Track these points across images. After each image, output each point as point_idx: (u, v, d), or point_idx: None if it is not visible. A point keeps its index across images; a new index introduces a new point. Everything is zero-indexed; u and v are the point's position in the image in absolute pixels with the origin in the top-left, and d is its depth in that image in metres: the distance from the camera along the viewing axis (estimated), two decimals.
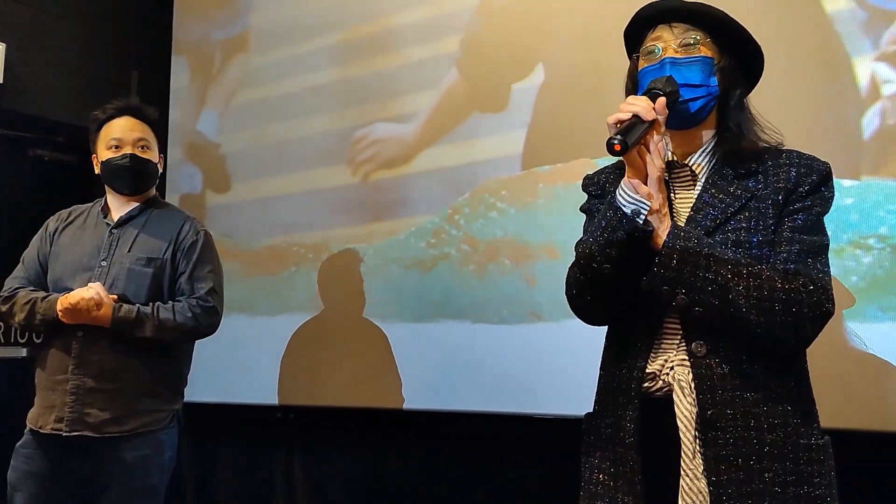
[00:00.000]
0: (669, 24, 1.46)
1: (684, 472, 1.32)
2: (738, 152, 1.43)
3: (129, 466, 2.24)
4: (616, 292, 1.41)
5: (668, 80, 1.40)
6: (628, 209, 1.35)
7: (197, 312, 2.33)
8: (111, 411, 2.23)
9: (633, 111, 1.33)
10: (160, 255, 2.36)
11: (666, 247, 1.33)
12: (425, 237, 3.17)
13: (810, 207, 1.39)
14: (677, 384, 1.35)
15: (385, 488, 3.35)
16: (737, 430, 1.31)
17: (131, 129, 2.39)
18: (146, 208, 2.44)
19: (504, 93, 3.04)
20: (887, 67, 2.38)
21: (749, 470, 1.30)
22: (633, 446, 1.37)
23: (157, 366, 2.32)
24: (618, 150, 1.30)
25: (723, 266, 1.31)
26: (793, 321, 1.30)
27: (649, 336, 1.40)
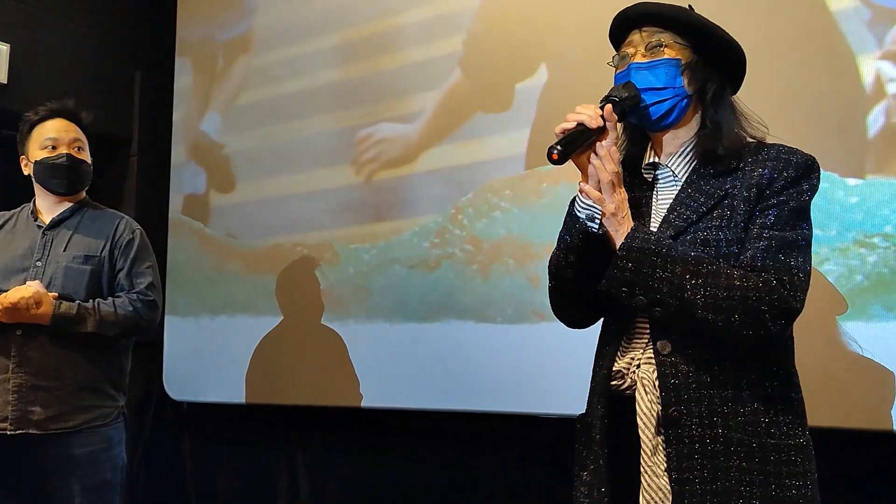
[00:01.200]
0: (640, 28, 1.47)
1: (644, 469, 1.33)
2: (714, 151, 1.42)
3: (80, 463, 2.25)
4: (582, 296, 1.46)
5: (626, 85, 1.43)
6: (582, 214, 1.41)
7: (138, 307, 2.35)
8: (54, 408, 2.24)
9: (577, 119, 1.37)
10: (97, 253, 2.38)
11: (622, 249, 1.35)
12: (429, 237, 3.17)
13: (784, 203, 1.36)
14: (640, 382, 1.36)
15: (387, 488, 3.35)
16: (702, 429, 1.31)
17: (66, 129, 2.40)
18: (78, 209, 2.45)
19: (507, 92, 3.04)
20: (892, 66, 2.37)
21: (714, 468, 1.30)
22: (601, 444, 1.39)
23: (98, 361, 2.33)
24: (555, 159, 1.35)
25: (679, 266, 1.31)
26: (751, 319, 1.29)
27: (619, 335, 1.43)
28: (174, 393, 3.85)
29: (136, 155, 4.06)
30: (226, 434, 3.84)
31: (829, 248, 2.36)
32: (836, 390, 2.32)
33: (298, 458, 3.60)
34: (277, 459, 3.66)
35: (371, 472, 3.40)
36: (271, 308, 3.58)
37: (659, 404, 1.34)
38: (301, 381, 3.47)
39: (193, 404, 3.90)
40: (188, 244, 3.88)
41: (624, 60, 1.48)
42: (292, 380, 3.49)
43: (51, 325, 2.24)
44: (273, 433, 3.68)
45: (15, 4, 3.63)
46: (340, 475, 3.49)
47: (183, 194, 3.94)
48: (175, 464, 3.97)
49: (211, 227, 3.83)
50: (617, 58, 1.50)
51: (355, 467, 3.45)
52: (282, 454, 3.64)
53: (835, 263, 2.36)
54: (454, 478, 3.18)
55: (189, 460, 3.94)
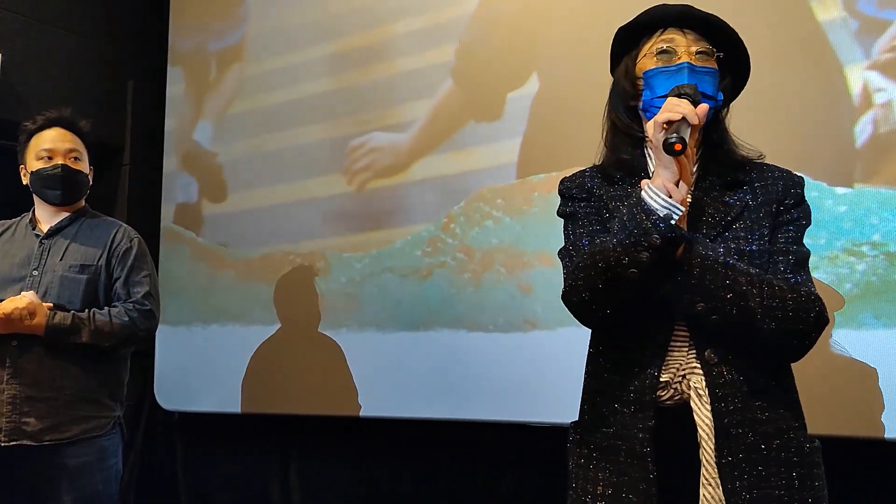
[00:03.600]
0: (682, 28, 1.43)
1: (705, 479, 1.32)
2: (724, 163, 1.43)
3: (73, 474, 2.23)
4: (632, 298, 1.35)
5: (696, 88, 1.37)
6: (662, 212, 1.29)
7: (134, 316, 2.32)
8: (50, 419, 2.22)
9: (682, 112, 1.30)
10: (94, 262, 2.35)
11: (687, 253, 1.31)
12: (421, 246, 3.17)
13: (799, 219, 1.42)
14: (694, 392, 1.34)
15: (380, 497, 3.34)
16: (747, 437, 1.32)
17: (62, 139, 2.38)
18: (77, 218, 2.43)
19: (499, 102, 3.05)
20: (879, 76, 2.39)
21: (757, 476, 1.31)
22: (647, 456, 1.33)
23: (94, 372, 2.31)
24: (678, 149, 1.26)
25: (740, 275, 1.31)
26: (801, 329, 1.32)
27: (660, 344, 1.37)
28: (165, 402, 3.84)
29: (129, 164, 4.06)
30: (217, 444, 3.82)
31: (818, 257, 2.37)
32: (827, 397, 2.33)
33: (291, 467, 3.60)
34: (270, 469, 3.65)
35: (364, 480, 3.40)
36: (263, 317, 3.58)
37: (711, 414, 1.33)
38: (296, 390, 3.46)
39: (185, 414, 3.89)
40: (180, 253, 3.87)
41: (667, 56, 1.42)
42: (287, 389, 3.48)
43: (45, 335, 2.22)
44: (265, 442, 3.67)
45: (7, 14, 3.63)
46: (333, 484, 3.49)
47: (175, 203, 3.94)
48: (166, 474, 3.95)
49: (203, 236, 3.82)
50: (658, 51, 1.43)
51: (348, 476, 3.44)
52: (274, 463, 3.63)
53: (824, 272, 2.37)
54: (447, 486, 3.18)
55: (181, 470, 3.93)
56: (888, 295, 2.31)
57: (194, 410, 3.80)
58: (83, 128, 2.44)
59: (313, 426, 3.47)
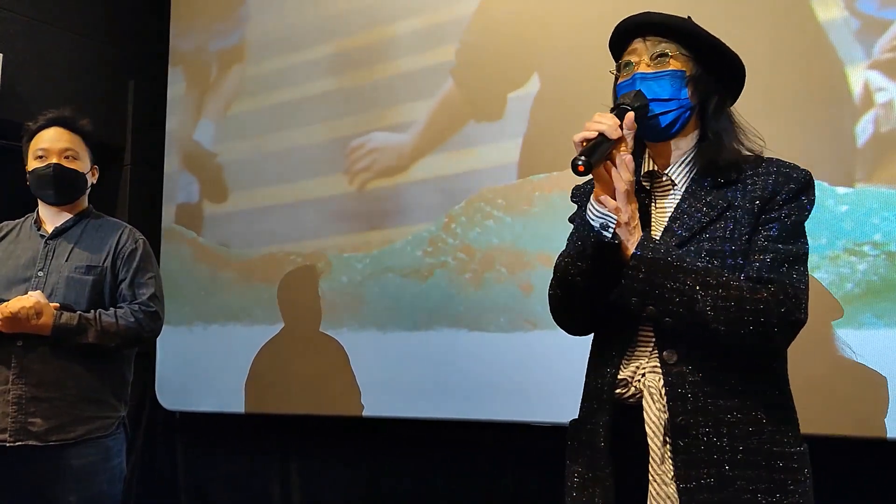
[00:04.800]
0: (644, 37, 1.46)
1: (652, 477, 1.34)
2: (715, 162, 1.44)
3: (77, 474, 2.23)
4: (590, 304, 1.44)
5: (637, 94, 1.41)
6: (596, 223, 1.38)
7: (139, 317, 2.33)
8: (55, 419, 2.22)
9: (598, 129, 1.34)
10: (100, 263, 2.36)
11: (634, 258, 1.35)
12: (422, 246, 3.17)
13: (786, 216, 1.39)
14: (647, 390, 1.37)
15: (381, 496, 3.34)
16: (709, 438, 1.32)
17: (58, 139, 2.37)
18: (81, 219, 2.43)
19: (500, 102, 3.05)
20: (880, 75, 2.39)
21: (721, 477, 1.31)
22: (605, 451, 1.39)
23: (99, 372, 2.31)
24: (581, 170, 1.31)
25: (690, 276, 1.32)
26: (761, 330, 1.31)
27: (623, 344, 1.42)
28: (167, 402, 3.84)
29: (130, 164, 4.07)
30: (218, 444, 3.82)
31: (819, 257, 2.37)
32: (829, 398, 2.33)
33: (291, 467, 3.60)
34: (270, 469, 3.65)
35: (364, 480, 3.40)
36: (264, 317, 3.58)
37: (666, 413, 1.34)
38: (297, 390, 3.47)
39: (186, 414, 3.89)
40: (181, 253, 3.87)
41: (628, 69, 1.47)
42: (288, 389, 3.49)
43: (51, 335, 2.22)
44: (266, 442, 3.67)
45: (9, 14, 3.63)
46: (333, 484, 3.49)
47: (176, 203, 3.94)
48: (167, 473, 3.95)
49: (204, 236, 3.83)
50: (621, 65, 1.49)
51: (348, 475, 3.44)
52: (275, 463, 3.64)
53: (825, 272, 2.37)
54: (447, 486, 3.18)
55: (182, 470, 3.93)
56: (889, 294, 2.31)
57: (195, 410, 3.80)
58: (83, 127, 2.44)
59: (313, 426, 3.47)
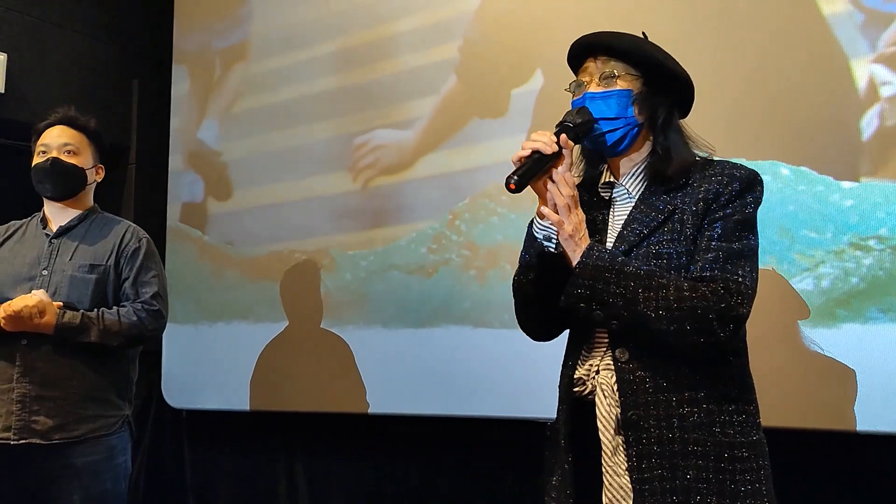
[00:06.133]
0: (595, 56, 1.55)
1: (605, 469, 1.41)
2: (662, 171, 1.50)
3: (80, 472, 2.24)
4: (545, 311, 1.53)
5: (580, 111, 1.50)
6: (540, 235, 1.50)
7: (142, 316, 2.34)
8: (58, 418, 2.24)
9: (533, 147, 1.44)
10: (103, 262, 2.37)
11: (578, 267, 1.42)
12: (426, 243, 3.17)
13: (730, 215, 1.44)
14: (599, 387, 1.44)
15: (387, 494, 3.35)
16: (660, 430, 1.38)
17: (59, 135, 2.40)
18: (85, 218, 2.45)
19: (503, 98, 3.05)
20: (885, 69, 2.38)
21: (673, 467, 1.37)
22: (565, 447, 1.47)
23: (103, 371, 2.32)
24: (512, 188, 1.42)
25: (632, 280, 1.39)
26: (701, 327, 1.36)
27: (580, 345, 1.51)
28: (173, 401, 3.85)
29: (134, 163, 4.07)
30: (225, 441, 3.83)
31: (824, 251, 2.37)
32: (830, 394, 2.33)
33: (298, 464, 3.60)
34: (276, 466, 3.65)
35: (370, 477, 3.40)
36: (270, 315, 3.59)
37: (618, 408, 1.41)
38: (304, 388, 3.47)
39: (192, 412, 3.90)
40: (186, 252, 3.88)
41: (580, 88, 1.55)
42: (295, 386, 3.49)
43: (55, 334, 2.23)
44: (272, 440, 3.68)
45: (12, 14, 3.64)
46: (340, 481, 3.49)
47: (181, 202, 3.94)
48: (174, 472, 3.96)
49: (209, 234, 3.83)
50: (574, 85, 1.57)
51: (354, 472, 3.45)
52: (281, 461, 3.64)
53: (830, 266, 2.37)
54: (454, 482, 3.18)
55: (188, 468, 3.94)
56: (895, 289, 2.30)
57: (201, 408, 3.81)
58: (86, 124, 2.46)
59: (319, 423, 3.48)
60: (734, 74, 2.58)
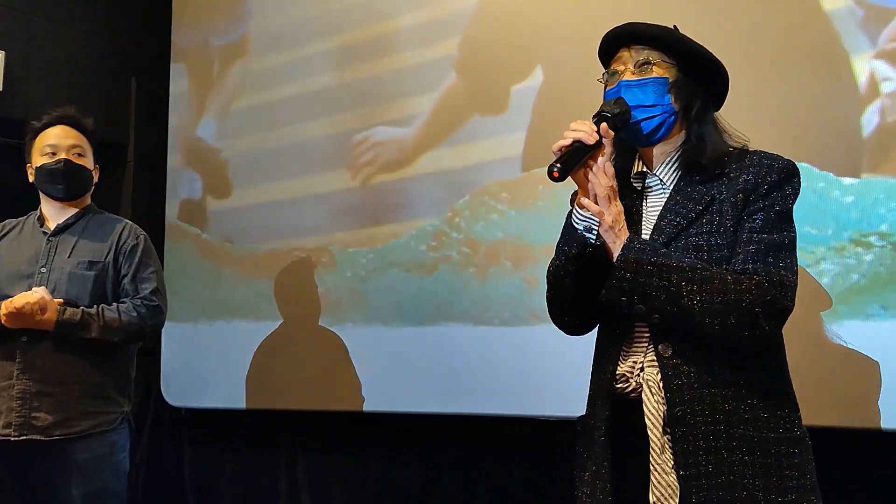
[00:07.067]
0: (629, 46, 1.52)
1: (653, 466, 1.38)
2: (697, 161, 1.48)
3: (82, 469, 2.27)
4: (582, 304, 1.51)
5: (617, 101, 1.47)
6: (580, 226, 1.47)
7: (142, 312, 2.37)
8: (59, 414, 2.26)
9: (574, 137, 1.41)
10: (102, 259, 2.40)
11: (619, 260, 1.40)
12: (426, 240, 3.17)
13: (770, 206, 1.42)
14: (646, 384, 1.42)
15: (388, 491, 3.35)
16: (706, 426, 1.37)
17: (66, 136, 2.42)
18: (83, 216, 2.47)
19: (503, 95, 3.04)
20: (886, 65, 2.37)
21: (719, 463, 1.35)
22: (605, 445, 1.44)
23: (103, 367, 2.35)
24: (556, 177, 1.39)
25: (674, 274, 1.37)
26: (746, 321, 1.35)
27: (620, 341, 1.48)
28: (172, 399, 3.85)
29: (133, 161, 4.06)
30: (225, 439, 3.83)
31: (825, 248, 2.36)
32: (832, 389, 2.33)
33: (298, 462, 3.60)
34: (277, 464, 3.65)
35: (371, 475, 3.40)
36: (269, 312, 3.58)
37: (664, 405, 1.39)
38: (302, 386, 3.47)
39: (192, 410, 3.90)
40: (185, 249, 3.88)
41: (613, 77, 1.52)
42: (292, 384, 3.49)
43: (55, 330, 2.25)
44: (272, 438, 3.67)
45: (10, 12, 3.63)
46: (341, 479, 3.49)
47: (179, 200, 3.94)
48: (174, 470, 3.96)
49: (208, 232, 3.83)
50: (606, 74, 1.55)
51: (355, 471, 3.45)
52: (282, 459, 3.64)
53: (831, 262, 2.36)
54: (455, 481, 3.18)
55: (188, 466, 3.94)
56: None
57: (201, 406, 3.81)
58: (87, 125, 2.48)
59: (320, 422, 3.47)
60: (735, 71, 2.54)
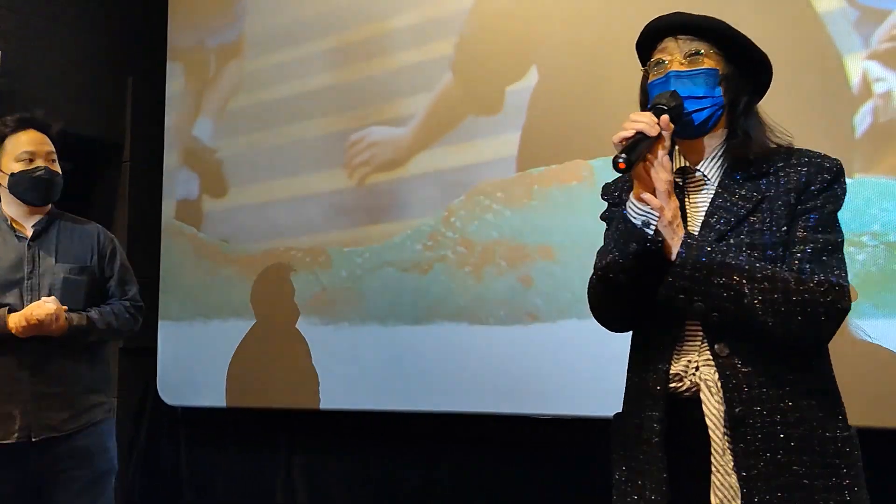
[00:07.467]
0: (675, 36, 1.49)
1: (715, 468, 1.36)
2: (745, 157, 1.46)
3: (85, 456, 2.43)
4: (634, 301, 1.45)
5: (672, 94, 1.43)
6: (638, 220, 1.39)
7: (133, 313, 2.58)
8: (67, 411, 2.41)
9: (636, 128, 1.36)
10: (88, 264, 2.52)
11: (679, 257, 1.36)
12: (421, 240, 3.18)
13: (822, 206, 1.40)
14: (704, 383, 1.39)
15: (385, 490, 3.36)
16: (764, 426, 1.35)
17: (42, 142, 2.47)
18: (53, 220, 2.53)
19: (498, 95, 3.05)
20: (878, 66, 2.39)
21: (777, 464, 1.33)
22: (659, 445, 1.40)
23: (93, 366, 2.51)
24: (622, 168, 1.33)
25: (736, 272, 1.34)
26: (809, 321, 1.33)
27: (672, 339, 1.44)
28: (168, 398, 3.85)
29: (129, 160, 4.06)
30: (221, 438, 3.83)
31: None
32: None
33: (295, 461, 3.61)
34: (274, 462, 3.66)
35: (368, 473, 3.41)
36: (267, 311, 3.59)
37: (723, 404, 1.37)
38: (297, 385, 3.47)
39: (188, 409, 3.90)
40: (181, 249, 3.88)
41: (660, 67, 1.49)
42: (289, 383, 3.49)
43: (66, 336, 2.37)
44: (269, 436, 3.68)
45: (6, 12, 3.63)
46: (338, 478, 3.50)
47: (176, 199, 3.94)
48: (170, 469, 3.97)
49: (204, 231, 3.83)
50: (653, 64, 1.51)
51: (352, 469, 3.45)
52: (279, 457, 3.65)
53: None
54: (451, 479, 3.19)
55: (184, 465, 3.94)
56: (888, 285, 2.31)
57: (197, 405, 3.81)
58: (54, 129, 2.53)
59: (316, 420, 3.48)
60: None
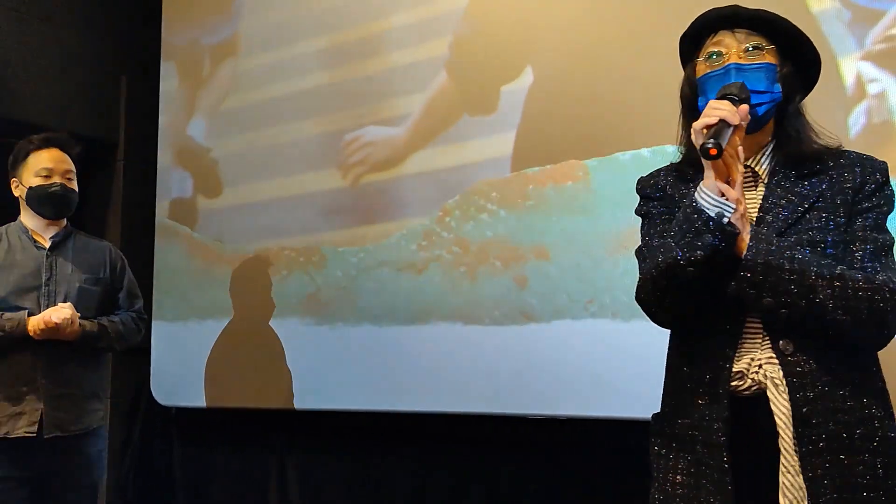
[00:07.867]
0: (731, 29, 1.47)
1: (784, 468, 1.34)
2: (798, 154, 1.45)
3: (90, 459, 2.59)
4: (698, 295, 1.41)
5: (742, 86, 1.41)
6: (712, 211, 1.35)
7: (139, 324, 2.78)
8: (73, 412, 2.55)
9: (720, 116, 1.35)
10: (101, 275, 2.71)
11: (751, 251, 1.34)
12: (416, 239, 3.17)
13: (879, 206, 1.42)
14: (770, 382, 1.37)
15: (378, 491, 3.35)
16: (828, 426, 1.33)
17: (61, 160, 2.63)
18: (69, 234, 2.70)
19: (493, 95, 3.05)
20: (872, 66, 2.39)
21: (839, 465, 1.32)
22: (722, 445, 1.37)
23: (94, 370, 2.66)
24: (714, 153, 1.31)
25: (805, 268, 1.33)
26: (878, 318, 1.33)
27: (732, 335, 1.41)
28: (162, 398, 3.84)
29: (123, 159, 4.05)
30: (215, 438, 3.83)
31: None
32: None
33: (288, 461, 3.60)
34: (268, 463, 3.65)
35: (362, 474, 3.40)
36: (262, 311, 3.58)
37: (789, 403, 1.35)
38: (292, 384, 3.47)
39: (181, 409, 3.89)
40: (175, 248, 3.87)
41: (718, 59, 1.47)
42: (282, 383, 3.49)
43: (79, 341, 2.52)
44: (263, 437, 3.67)
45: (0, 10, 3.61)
46: (330, 478, 3.49)
47: (170, 199, 3.93)
48: (164, 469, 3.96)
49: (198, 231, 3.82)
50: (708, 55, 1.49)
51: (344, 469, 3.45)
52: (273, 458, 3.64)
53: None
54: (443, 479, 3.19)
55: (178, 466, 3.93)
56: None
57: (191, 406, 3.80)
58: (75, 149, 2.69)
59: (310, 421, 3.47)
60: None
